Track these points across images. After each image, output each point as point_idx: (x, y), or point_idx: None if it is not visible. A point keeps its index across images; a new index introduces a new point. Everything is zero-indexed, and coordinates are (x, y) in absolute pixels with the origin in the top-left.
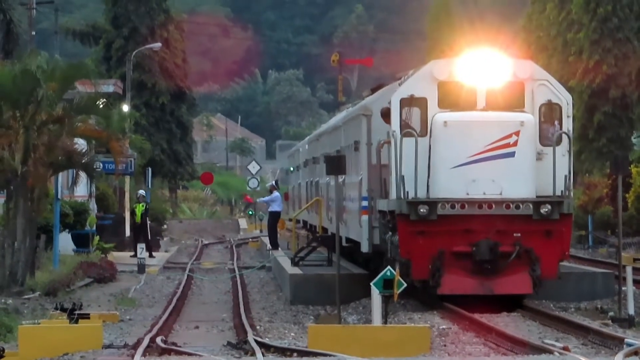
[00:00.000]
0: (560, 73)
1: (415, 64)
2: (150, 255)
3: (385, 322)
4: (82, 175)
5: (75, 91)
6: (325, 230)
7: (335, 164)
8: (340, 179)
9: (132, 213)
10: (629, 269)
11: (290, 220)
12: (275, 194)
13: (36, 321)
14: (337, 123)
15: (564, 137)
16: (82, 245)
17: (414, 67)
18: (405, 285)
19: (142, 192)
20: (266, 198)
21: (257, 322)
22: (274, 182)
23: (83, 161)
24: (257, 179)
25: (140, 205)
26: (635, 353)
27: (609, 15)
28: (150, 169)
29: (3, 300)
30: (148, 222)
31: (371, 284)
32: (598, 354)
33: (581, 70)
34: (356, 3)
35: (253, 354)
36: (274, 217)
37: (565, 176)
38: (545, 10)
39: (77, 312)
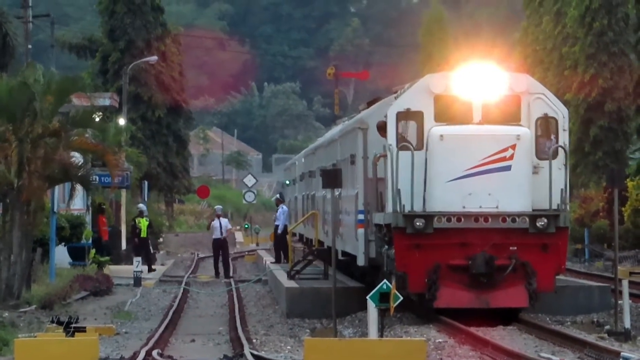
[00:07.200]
0: (556, 87)
1: (411, 77)
2: (150, 270)
3: (381, 336)
4: (79, 189)
5: (71, 104)
6: (321, 243)
7: (332, 178)
8: (337, 192)
9: (135, 227)
10: (625, 283)
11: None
12: (282, 208)
13: (32, 334)
14: (334, 136)
15: (560, 150)
16: (78, 259)
17: (410, 80)
18: (401, 298)
19: (142, 206)
20: (278, 214)
21: (253, 335)
22: (278, 195)
23: (79, 174)
24: (253, 192)
25: (144, 219)
26: None
27: (605, 29)
28: (146, 183)
29: None
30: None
31: (367, 297)
32: None
33: (577, 84)
34: (352, 16)
35: None
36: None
37: (562, 190)
38: (540, 23)
39: (73, 325)
